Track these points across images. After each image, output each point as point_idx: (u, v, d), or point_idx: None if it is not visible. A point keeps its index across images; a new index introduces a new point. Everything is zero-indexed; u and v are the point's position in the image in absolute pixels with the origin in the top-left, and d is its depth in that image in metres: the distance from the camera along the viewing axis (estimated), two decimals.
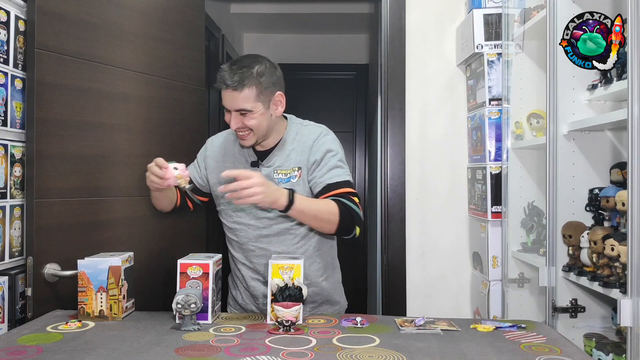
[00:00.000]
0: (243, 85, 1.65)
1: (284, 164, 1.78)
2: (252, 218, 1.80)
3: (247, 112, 1.68)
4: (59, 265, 1.76)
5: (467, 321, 1.60)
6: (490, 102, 2.30)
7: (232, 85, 1.65)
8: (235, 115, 1.70)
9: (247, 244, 1.82)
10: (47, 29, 1.73)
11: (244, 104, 1.67)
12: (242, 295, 1.90)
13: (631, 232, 1.31)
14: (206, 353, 1.29)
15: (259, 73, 1.68)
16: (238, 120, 1.70)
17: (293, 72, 4.97)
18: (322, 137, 1.80)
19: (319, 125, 1.86)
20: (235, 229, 1.84)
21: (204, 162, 1.90)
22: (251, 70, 1.67)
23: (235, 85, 1.65)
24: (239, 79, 1.65)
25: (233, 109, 1.69)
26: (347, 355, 1.28)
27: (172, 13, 2.23)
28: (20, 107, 1.73)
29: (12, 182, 1.69)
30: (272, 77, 1.71)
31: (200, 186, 1.90)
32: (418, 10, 2.61)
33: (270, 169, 1.78)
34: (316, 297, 1.83)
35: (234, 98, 1.67)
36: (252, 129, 1.71)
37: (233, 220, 1.84)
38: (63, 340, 1.38)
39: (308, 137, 1.80)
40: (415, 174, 2.61)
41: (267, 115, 1.72)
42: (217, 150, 1.88)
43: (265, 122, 1.73)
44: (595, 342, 1.67)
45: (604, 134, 1.81)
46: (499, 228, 2.25)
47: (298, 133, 1.82)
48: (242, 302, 1.90)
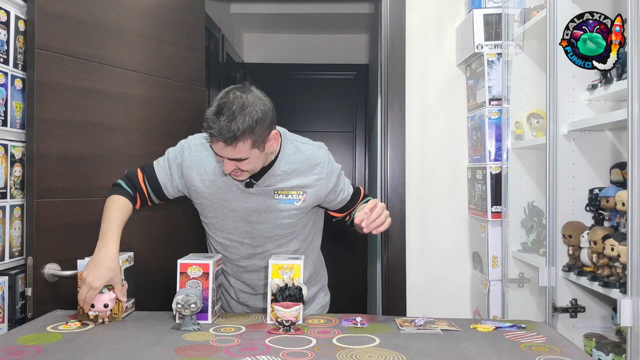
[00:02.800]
0: (236, 139, 1.48)
1: (285, 185, 1.68)
2: (246, 237, 1.73)
3: (242, 160, 1.54)
4: (59, 265, 1.76)
5: (467, 321, 1.60)
6: (490, 102, 2.30)
7: (223, 139, 1.49)
8: (229, 162, 1.55)
9: (238, 261, 1.77)
10: (47, 29, 1.73)
11: (237, 155, 1.52)
12: (228, 303, 1.87)
13: (631, 232, 1.31)
14: (206, 353, 1.29)
15: (253, 123, 1.49)
16: (232, 165, 1.55)
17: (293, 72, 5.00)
18: (328, 161, 1.73)
19: (320, 145, 1.77)
20: (226, 245, 1.76)
21: (179, 170, 1.70)
22: (244, 124, 1.48)
23: (227, 140, 1.48)
24: (231, 136, 1.47)
25: (226, 156, 1.54)
26: (347, 355, 1.28)
27: (172, 13, 2.23)
28: (20, 107, 1.73)
29: (12, 182, 1.69)
30: (265, 121, 1.53)
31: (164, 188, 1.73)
32: (418, 10, 2.61)
33: (269, 189, 1.68)
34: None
35: (226, 150, 1.51)
36: (245, 171, 1.58)
37: (224, 236, 1.75)
38: (63, 340, 1.38)
39: (314, 161, 1.70)
40: (415, 174, 2.61)
41: (262, 156, 1.59)
42: (198, 162, 1.69)
43: (261, 162, 1.61)
44: (595, 342, 1.67)
45: (604, 134, 1.81)
46: (499, 228, 2.25)
47: (297, 152, 1.70)
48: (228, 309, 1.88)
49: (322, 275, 1.94)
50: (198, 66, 2.38)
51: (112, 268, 1.53)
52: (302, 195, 1.69)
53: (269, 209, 1.69)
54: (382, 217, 1.56)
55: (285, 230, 1.73)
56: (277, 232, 1.73)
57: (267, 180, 1.68)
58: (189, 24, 2.32)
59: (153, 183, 1.73)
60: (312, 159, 1.71)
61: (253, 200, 1.69)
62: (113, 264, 1.53)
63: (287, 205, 1.69)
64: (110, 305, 1.52)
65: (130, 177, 1.74)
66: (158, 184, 1.73)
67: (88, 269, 1.52)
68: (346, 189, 1.79)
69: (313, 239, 1.85)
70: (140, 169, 1.76)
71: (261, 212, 1.70)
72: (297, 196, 1.69)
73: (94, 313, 1.51)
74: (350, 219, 1.85)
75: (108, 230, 1.60)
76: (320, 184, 1.71)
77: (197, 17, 2.40)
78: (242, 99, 1.51)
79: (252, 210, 1.70)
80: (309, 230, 1.81)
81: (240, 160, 1.54)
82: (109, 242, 1.57)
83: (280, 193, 1.69)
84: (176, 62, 2.24)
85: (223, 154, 1.53)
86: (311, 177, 1.70)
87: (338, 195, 1.77)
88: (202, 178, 1.69)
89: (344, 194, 1.78)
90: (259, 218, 1.70)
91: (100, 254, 1.54)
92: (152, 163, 1.76)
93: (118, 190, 1.71)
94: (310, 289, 1.83)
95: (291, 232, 1.75)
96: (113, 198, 1.69)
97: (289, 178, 1.68)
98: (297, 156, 1.70)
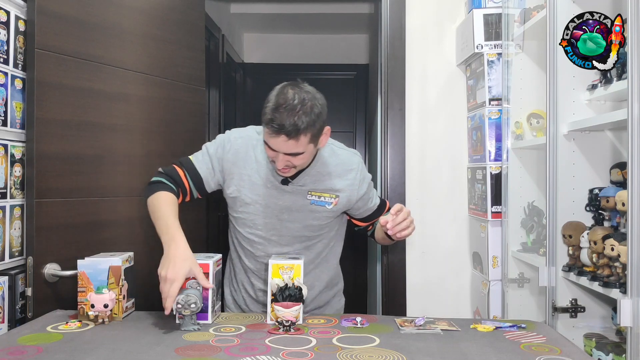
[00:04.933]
0: (299, 133, 1.50)
1: (318, 187, 1.70)
2: (275, 234, 1.73)
3: (297, 154, 1.56)
4: (59, 265, 1.76)
5: (467, 321, 1.60)
6: (490, 102, 2.30)
7: (288, 132, 1.49)
8: (283, 156, 1.56)
9: (263, 258, 1.75)
10: (47, 29, 1.73)
11: (296, 149, 1.53)
12: (245, 300, 1.86)
13: (631, 232, 1.31)
14: (206, 353, 1.29)
15: (315, 117, 1.52)
16: (285, 160, 1.57)
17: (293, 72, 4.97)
18: (362, 168, 1.76)
19: (354, 152, 1.80)
20: (253, 241, 1.76)
21: (220, 164, 1.72)
22: (307, 118, 1.50)
23: (290, 133, 1.49)
24: (295, 129, 1.49)
25: (283, 151, 1.54)
26: (347, 355, 1.28)
27: (172, 13, 2.23)
28: (20, 107, 1.73)
29: (12, 182, 1.69)
30: (323, 115, 1.56)
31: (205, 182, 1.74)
32: (418, 10, 2.61)
33: (303, 189, 1.70)
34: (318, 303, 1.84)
35: (287, 144, 1.52)
36: (295, 166, 1.61)
37: (252, 231, 1.75)
38: (63, 340, 1.38)
39: (348, 166, 1.74)
40: (415, 174, 2.61)
41: (313, 152, 1.63)
42: (238, 155, 1.72)
43: (311, 158, 1.65)
44: (595, 342, 1.67)
45: (604, 134, 1.81)
46: (499, 228, 2.25)
47: (333, 155, 1.73)
48: (244, 306, 1.87)
49: (339, 280, 1.95)
50: (198, 66, 2.38)
51: (188, 259, 1.50)
52: (334, 199, 1.72)
53: (300, 208, 1.71)
54: (407, 222, 1.58)
55: (314, 232, 1.75)
56: (306, 232, 1.74)
57: (302, 180, 1.70)
58: (189, 24, 2.32)
59: (195, 177, 1.73)
60: (346, 164, 1.74)
61: (286, 199, 1.70)
62: (187, 254, 1.51)
63: (319, 207, 1.71)
64: (110, 305, 1.52)
65: (169, 174, 1.73)
66: (200, 178, 1.73)
67: (164, 267, 1.48)
68: (374, 199, 1.83)
69: (335, 245, 1.86)
70: (177, 165, 1.75)
71: (293, 210, 1.71)
72: (330, 199, 1.71)
73: (94, 313, 1.51)
74: (372, 229, 1.88)
75: (169, 226, 1.58)
76: (352, 189, 1.73)
77: (197, 17, 2.40)
78: (301, 94, 1.53)
79: (284, 208, 1.71)
80: (333, 235, 1.83)
81: (295, 155, 1.55)
82: (175, 235, 1.55)
83: (313, 194, 1.71)
84: (176, 62, 2.24)
85: (281, 149, 1.54)
86: (344, 182, 1.72)
87: (366, 203, 1.79)
88: (240, 172, 1.71)
89: (371, 203, 1.81)
90: (290, 216, 1.72)
91: (172, 249, 1.52)
92: (189, 158, 1.76)
93: (161, 187, 1.70)
94: (326, 292, 1.86)
95: (319, 235, 1.77)
96: (159, 195, 1.67)
97: (323, 180, 1.71)
98: (333, 159, 1.73)
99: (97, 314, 1.51)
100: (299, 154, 1.55)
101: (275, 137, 1.51)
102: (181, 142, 2.25)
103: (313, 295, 1.80)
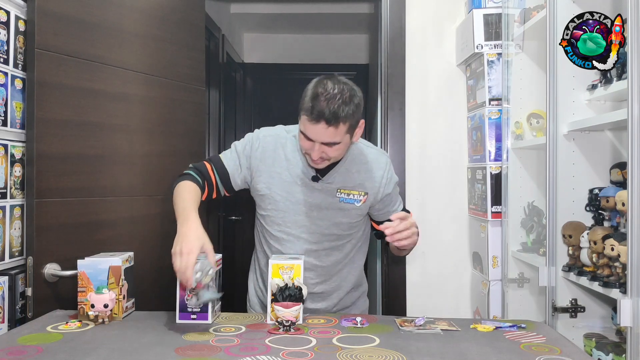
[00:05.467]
0: (338, 120, 1.52)
1: (347, 184, 1.71)
2: (305, 231, 1.74)
3: (333, 144, 1.57)
4: (59, 265, 1.76)
5: (467, 321, 1.60)
6: (490, 102, 2.30)
7: (328, 119, 1.51)
8: (319, 146, 1.57)
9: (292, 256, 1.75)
10: (47, 29, 1.73)
11: (334, 137, 1.55)
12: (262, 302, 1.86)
13: (631, 232, 1.31)
14: (206, 353, 1.29)
15: (354, 107, 1.54)
16: (321, 151, 1.58)
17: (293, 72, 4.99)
18: (389, 168, 1.77)
19: (382, 152, 1.84)
20: (282, 238, 1.76)
21: (248, 161, 1.74)
22: (347, 107, 1.52)
23: (330, 120, 1.51)
24: (335, 116, 1.51)
25: (321, 140, 1.56)
26: (347, 355, 1.28)
27: (172, 13, 2.23)
28: (20, 107, 1.73)
29: (12, 182, 1.69)
30: (361, 107, 1.59)
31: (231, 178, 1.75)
32: (418, 10, 2.61)
33: (332, 187, 1.71)
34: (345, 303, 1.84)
35: (326, 132, 1.53)
36: (329, 158, 1.62)
37: (280, 229, 1.75)
38: (63, 340, 1.38)
39: (376, 164, 1.75)
40: (415, 174, 2.61)
41: (348, 144, 1.64)
42: (267, 153, 1.74)
43: (345, 150, 1.65)
44: (595, 342, 1.67)
45: (604, 134, 1.81)
46: (499, 228, 2.26)
47: (361, 154, 1.75)
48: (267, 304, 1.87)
49: (363, 281, 1.94)
50: (198, 66, 2.38)
51: (200, 236, 1.49)
52: (363, 197, 1.73)
53: (330, 206, 1.72)
54: (408, 232, 1.58)
55: (343, 230, 1.76)
56: (335, 230, 1.75)
57: (331, 177, 1.71)
58: (189, 24, 2.32)
59: (222, 173, 1.75)
60: (374, 163, 1.75)
61: (315, 196, 1.71)
62: (199, 232, 1.50)
63: (348, 205, 1.72)
64: (110, 306, 1.52)
65: (197, 168, 1.76)
66: (227, 173, 1.75)
67: (178, 243, 1.46)
68: (397, 203, 1.83)
69: (362, 245, 1.87)
70: (206, 161, 1.79)
71: (322, 208, 1.72)
72: (359, 197, 1.72)
73: (94, 313, 1.51)
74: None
75: (185, 209, 1.58)
76: (379, 188, 1.74)
77: (197, 17, 2.40)
78: (340, 85, 1.56)
79: (313, 206, 1.72)
80: (360, 236, 1.83)
81: (331, 146, 1.57)
82: (189, 216, 1.55)
83: (342, 192, 1.71)
84: (176, 62, 2.24)
85: (319, 137, 1.55)
86: (372, 181, 1.73)
87: (387, 205, 1.79)
88: (270, 170, 1.73)
89: (393, 207, 1.81)
90: (319, 214, 1.72)
91: (184, 228, 1.51)
92: (218, 155, 1.79)
93: (187, 177, 1.73)
94: (353, 293, 1.86)
95: (348, 235, 1.78)
96: (183, 184, 1.70)
97: (352, 178, 1.72)
98: (361, 157, 1.75)
99: (97, 314, 1.52)
100: (335, 143, 1.57)
101: (315, 124, 1.53)
102: (181, 142, 2.26)
103: (340, 296, 1.81)
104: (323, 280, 1.78)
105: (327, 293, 1.80)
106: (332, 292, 1.80)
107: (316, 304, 1.78)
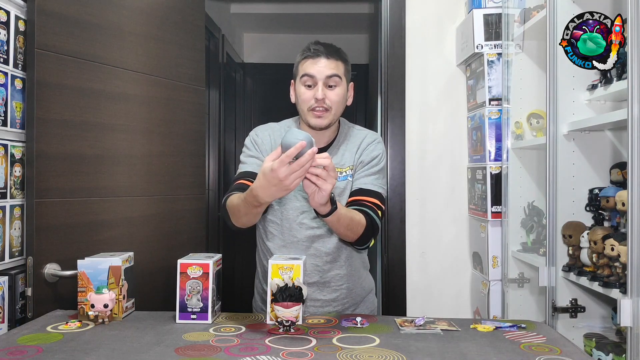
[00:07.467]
0: (337, 55, 1.70)
1: (339, 163, 1.75)
2: (307, 217, 1.74)
3: (334, 86, 1.69)
4: (59, 265, 1.76)
5: (467, 321, 1.60)
6: (490, 102, 2.30)
7: (328, 53, 1.68)
8: (323, 87, 1.68)
9: (296, 244, 1.75)
10: (47, 29, 1.73)
11: (335, 70, 1.68)
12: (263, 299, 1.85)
13: (631, 232, 1.31)
14: (206, 353, 1.29)
15: (348, 59, 1.74)
16: (324, 91, 1.68)
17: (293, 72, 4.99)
18: (377, 144, 1.79)
19: (374, 133, 1.86)
20: (284, 226, 1.75)
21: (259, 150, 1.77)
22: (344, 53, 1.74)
23: (331, 53, 1.68)
24: (335, 50, 1.70)
25: (324, 75, 1.67)
26: (347, 355, 1.28)
27: (172, 13, 2.23)
28: (20, 107, 1.73)
29: (12, 182, 1.69)
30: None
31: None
32: (418, 10, 2.62)
33: None
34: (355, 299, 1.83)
35: (327, 65, 1.68)
36: (331, 107, 1.69)
37: (282, 216, 1.75)
38: (63, 340, 1.38)
39: (363, 139, 1.79)
40: (415, 174, 2.61)
41: (345, 97, 1.74)
42: (267, 143, 1.79)
43: (342, 105, 1.74)
44: (595, 342, 1.67)
45: (604, 134, 1.82)
46: (499, 228, 2.26)
47: (349, 134, 1.81)
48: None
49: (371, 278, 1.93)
50: (198, 66, 2.38)
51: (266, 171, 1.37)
52: (350, 171, 1.76)
53: None
54: (303, 171, 1.36)
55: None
56: None
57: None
58: (189, 24, 2.32)
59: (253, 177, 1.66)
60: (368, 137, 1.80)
61: None
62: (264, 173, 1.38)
63: (342, 182, 1.73)
64: (110, 306, 1.52)
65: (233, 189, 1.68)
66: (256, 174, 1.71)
67: (273, 185, 1.37)
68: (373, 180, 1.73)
69: None
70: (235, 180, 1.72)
71: None
72: (349, 172, 1.76)
73: (94, 313, 1.51)
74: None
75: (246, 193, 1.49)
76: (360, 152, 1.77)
77: (197, 17, 2.40)
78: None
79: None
80: None
81: (333, 88, 1.69)
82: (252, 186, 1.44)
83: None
84: (176, 62, 2.24)
85: (321, 71, 1.67)
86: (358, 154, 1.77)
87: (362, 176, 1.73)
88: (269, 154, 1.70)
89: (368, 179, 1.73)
90: None
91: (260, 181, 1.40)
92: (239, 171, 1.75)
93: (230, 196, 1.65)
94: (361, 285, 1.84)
95: None
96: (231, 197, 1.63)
97: (343, 157, 1.76)
98: (353, 139, 1.80)
99: (97, 314, 1.51)
100: (337, 77, 1.68)
101: (316, 59, 1.68)
102: (181, 142, 2.25)
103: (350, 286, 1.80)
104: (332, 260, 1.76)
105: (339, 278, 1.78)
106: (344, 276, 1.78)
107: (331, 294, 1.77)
